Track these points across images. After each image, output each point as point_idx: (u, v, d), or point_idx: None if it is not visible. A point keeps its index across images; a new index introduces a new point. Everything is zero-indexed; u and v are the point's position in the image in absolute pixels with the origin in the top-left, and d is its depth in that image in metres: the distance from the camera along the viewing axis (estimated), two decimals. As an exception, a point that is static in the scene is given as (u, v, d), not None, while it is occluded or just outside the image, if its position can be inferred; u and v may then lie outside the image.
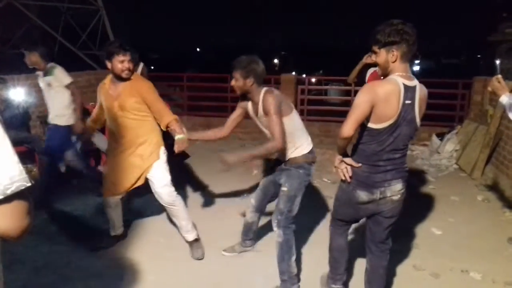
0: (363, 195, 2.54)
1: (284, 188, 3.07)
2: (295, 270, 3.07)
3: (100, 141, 5.45)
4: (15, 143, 1.03)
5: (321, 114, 8.72)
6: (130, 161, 3.42)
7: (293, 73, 8.40)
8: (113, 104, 3.36)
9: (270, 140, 2.90)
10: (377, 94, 2.31)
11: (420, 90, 2.41)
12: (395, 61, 2.36)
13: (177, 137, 3.29)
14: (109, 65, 3.32)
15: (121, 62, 3.27)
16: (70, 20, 14.38)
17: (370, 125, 2.41)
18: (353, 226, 3.14)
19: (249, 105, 3.15)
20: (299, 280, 3.16)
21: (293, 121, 3.05)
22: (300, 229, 4.14)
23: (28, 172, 5.76)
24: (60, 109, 4.59)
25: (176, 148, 3.28)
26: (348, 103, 8.18)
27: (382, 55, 2.39)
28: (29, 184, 0.95)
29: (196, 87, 8.80)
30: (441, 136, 6.90)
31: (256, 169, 6.20)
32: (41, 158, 5.38)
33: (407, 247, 3.83)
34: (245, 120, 3.35)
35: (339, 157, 2.64)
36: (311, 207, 4.69)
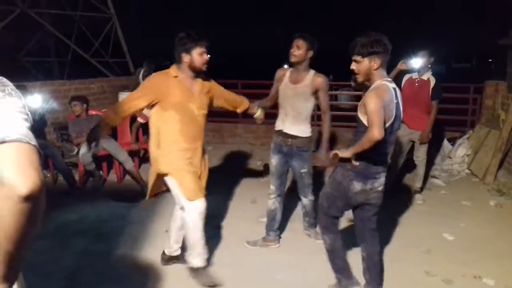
0: (357, 186, 2.76)
1: (304, 170, 3.67)
2: None
3: (111, 146, 5.51)
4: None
5: (332, 119, 8.70)
6: (205, 163, 3.39)
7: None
8: (191, 100, 3.09)
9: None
10: (384, 99, 2.57)
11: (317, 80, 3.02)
12: (377, 68, 2.65)
13: (257, 114, 3.62)
14: (186, 58, 3.01)
15: (201, 55, 3.02)
16: (83, 28, 14.54)
17: None
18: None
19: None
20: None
21: (313, 104, 3.62)
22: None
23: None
24: None
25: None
26: (359, 109, 8.16)
27: (365, 64, 2.66)
28: (33, 143, 0.92)
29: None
30: (452, 141, 6.86)
31: (261, 160, 6.28)
32: (56, 164, 5.47)
33: (419, 253, 3.82)
34: (254, 125, 3.47)
35: (336, 151, 2.80)
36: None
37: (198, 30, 3.05)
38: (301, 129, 3.59)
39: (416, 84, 4.88)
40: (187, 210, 3.09)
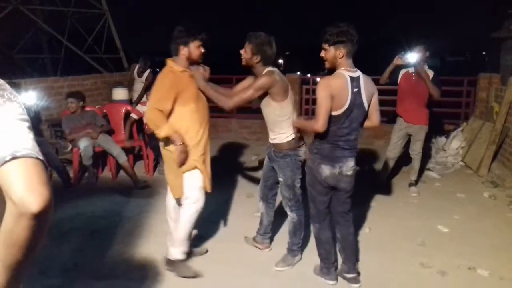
0: (326, 170, 2.93)
1: (280, 179, 3.36)
2: (301, 242, 3.48)
3: (104, 141, 5.49)
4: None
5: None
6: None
7: (298, 73, 8.41)
8: (200, 93, 3.14)
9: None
10: (332, 88, 2.75)
11: (364, 79, 2.88)
12: (342, 57, 2.81)
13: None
14: (183, 50, 3.04)
15: (198, 48, 3.06)
16: (76, 24, 14.44)
17: (331, 112, 2.80)
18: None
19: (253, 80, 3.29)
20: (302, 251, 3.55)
21: (282, 109, 3.18)
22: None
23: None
24: None
25: None
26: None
27: (331, 52, 2.84)
28: (40, 158, 0.92)
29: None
30: (446, 133, 6.89)
31: (256, 155, 6.29)
32: (50, 161, 5.45)
33: (413, 245, 3.84)
34: (250, 120, 3.43)
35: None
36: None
37: (196, 24, 3.09)
38: (274, 136, 3.29)
39: (414, 78, 4.89)
40: (190, 203, 3.17)
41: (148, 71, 7.26)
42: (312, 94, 8.49)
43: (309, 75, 9.75)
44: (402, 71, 4.99)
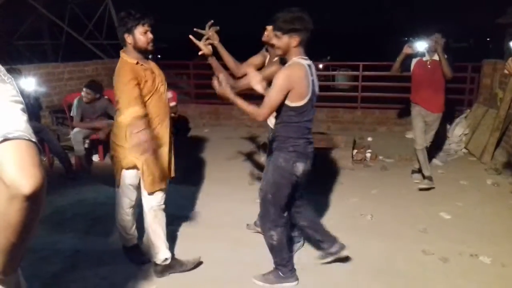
0: (300, 167, 2.80)
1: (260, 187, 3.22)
2: None
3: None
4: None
5: (329, 100, 8.69)
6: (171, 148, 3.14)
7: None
8: (160, 84, 2.97)
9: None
10: (294, 79, 2.62)
11: (314, 66, 2.81)
12: (296, 45, 2.67)
13: None
14: (128, 38, 2.82)
15: (144, 33, 2.83)
16: (76, 10, 14.33)
17: (294, 104, 2.68)
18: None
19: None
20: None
21: None
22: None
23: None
24: None
25: None
26: (356, 89, 8.14)
27: (284, 40, 2.67)
28: (33, 140, 0.91)
29: (203, 75, 8.74)
30: (449, 120, 6.85)
31: (257, 142, 6.29)
32: (51, 148, 5.44)
33: (415, 232, 3.83)
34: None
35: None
36: (319, 191, 4.72)
37: (142, 9, 2.87)
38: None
39: (429, 66, 4.78)
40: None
41: (149, 56, 7.19)
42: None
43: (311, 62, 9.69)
44: (414, 60, 4.88)
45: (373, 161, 5.96)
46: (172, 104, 5.66)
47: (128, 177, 3.03)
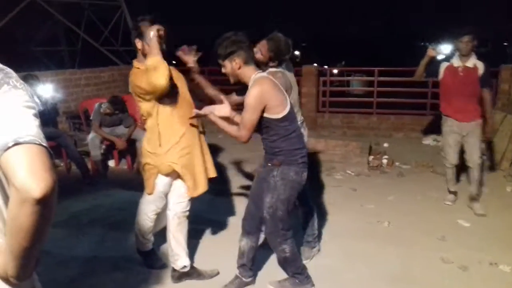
0: (305, 175, 2.78)
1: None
2: (316, 232, 3.50)
3: (139, 133, 5.46)
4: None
5: (344, 105, 8.66)
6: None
7: (315, 64, 8.34)
8: (181, 86, 2.97)
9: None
10: (263, 95, 2.55)
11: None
12: (240, 67, 2.63)
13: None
14: (138, 44, 2.79)
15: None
16: (92, 16, 14.51)
17: (278, 115, 2.61)
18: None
19: None
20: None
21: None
22: (328, 223, 4.15)
23: (56, 167, 5.91)
24: None
25: None
26: (371, 94, 8.10)
27: (227, 66, 2.66)
28: (44, 144, 0.92)
29: (219, 81, 8.77)
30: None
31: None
32: (69, 153, 5.50)
33: (433, 240, 3.78)
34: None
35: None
36: (338, 202, 4.69)
37: (156, 15, 2.82)
38: None
39: (461, 74, 4.23)
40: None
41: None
42: (329, 86, 8.43)
43: (326, 67, 9.67)
44: (444, 65, 4.31)
45: (389, 167, 5.90)
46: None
47: (161, 184, 3.00)
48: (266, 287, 3.05)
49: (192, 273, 3.16)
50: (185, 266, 3.11)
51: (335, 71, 14.00)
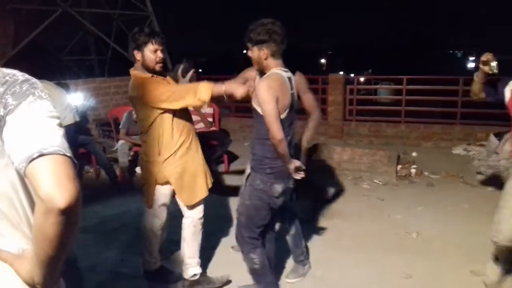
0: (279, 188, 2.61)
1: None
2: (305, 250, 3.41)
3: None
4: (75, 146, 1.04)
5: (371, 114, 8.57)
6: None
7: (341, 72, 8.30)
8: None
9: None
10: (276, 89, 2.46)
11: (295, 80, 2.69)
12: (266, 58, 2.54)
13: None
14: (137, 55, 2.80)
15: (154, 52, 2.78)
16: (122, 26, 14.83)
17: None
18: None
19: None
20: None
21: None
22: (356, 233, 4.10)
23: (85, 173, 6.02)
24: None
25: None
26: (399, 103, 7.99)
27: (254, 52, 2.57)
28: (68, 154, 0.93)
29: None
30: (499, 135, 6.59)
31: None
32: (98, 160, 5.61)
33: (463, 252, 3.68)
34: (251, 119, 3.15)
35: (296, 164, 2.54)
36: (365, 212, 4.63)
37: (154, 28, 2.83)
38: None
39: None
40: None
41: (191, 71, 7.33)
42: (356, 95, 8.36)
43: (352, 75, 9.61)
44: (510, 85, 3.07)
45: (418, 177, 5.79)
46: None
47: (161, 194, 2.98)
48: None
49: (203, 281, 3.15)
50: (195, 275, 3.11)
51: (362, 79, 13.91)
